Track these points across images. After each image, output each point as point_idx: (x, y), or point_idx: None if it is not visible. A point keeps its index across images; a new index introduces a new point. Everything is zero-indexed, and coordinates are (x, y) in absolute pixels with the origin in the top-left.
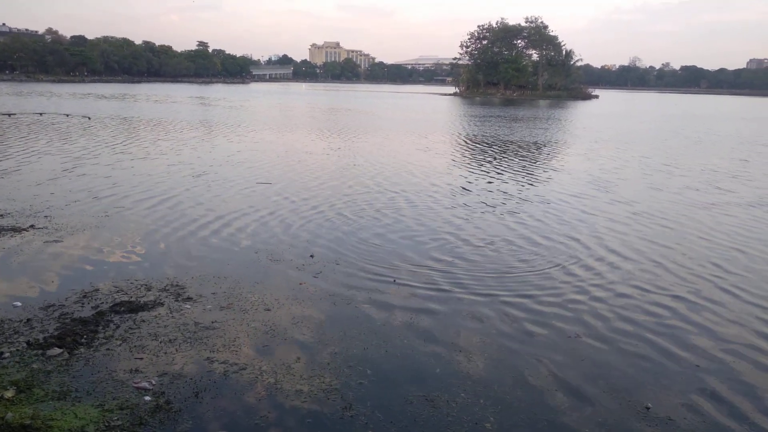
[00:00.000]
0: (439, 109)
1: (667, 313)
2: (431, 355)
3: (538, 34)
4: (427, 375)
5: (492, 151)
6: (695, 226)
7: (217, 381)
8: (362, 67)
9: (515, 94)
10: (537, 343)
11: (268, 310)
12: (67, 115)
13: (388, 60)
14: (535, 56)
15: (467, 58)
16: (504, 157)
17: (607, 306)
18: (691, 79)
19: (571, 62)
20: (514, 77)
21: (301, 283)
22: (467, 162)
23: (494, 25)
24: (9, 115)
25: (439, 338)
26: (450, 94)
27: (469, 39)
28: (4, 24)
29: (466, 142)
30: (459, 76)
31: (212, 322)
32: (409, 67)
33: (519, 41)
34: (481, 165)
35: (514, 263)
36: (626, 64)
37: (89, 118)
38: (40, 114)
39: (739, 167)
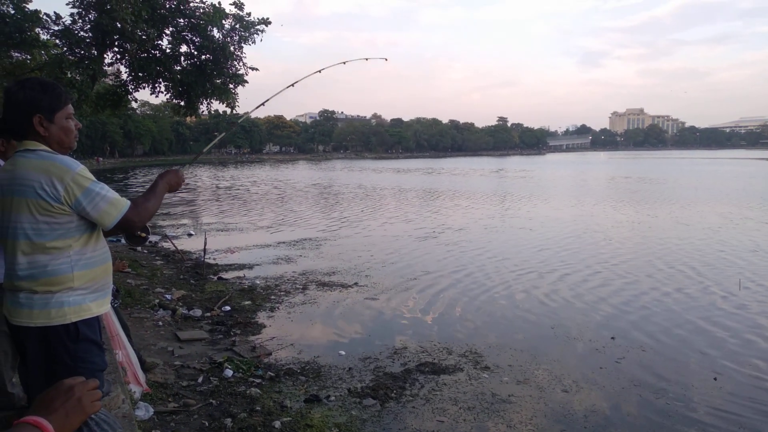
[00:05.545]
0: None
1: None
2: None
3: None
4: None
5: None
6: None
7: None
8: (669, 132)
9: None
10: None
11: (566, 391)
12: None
13: (701, 124)
14: None
15: None
16: None
17: None
18: None
19: None
20: None
21: (601, 368)
22: None
23: None
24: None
25: None
26: None
27: None
28: (342, 112)
29: None
30: None
31: (509, 396)
32: (728, 130)
33: None
34: None
35: None
36: None
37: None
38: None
39: None
